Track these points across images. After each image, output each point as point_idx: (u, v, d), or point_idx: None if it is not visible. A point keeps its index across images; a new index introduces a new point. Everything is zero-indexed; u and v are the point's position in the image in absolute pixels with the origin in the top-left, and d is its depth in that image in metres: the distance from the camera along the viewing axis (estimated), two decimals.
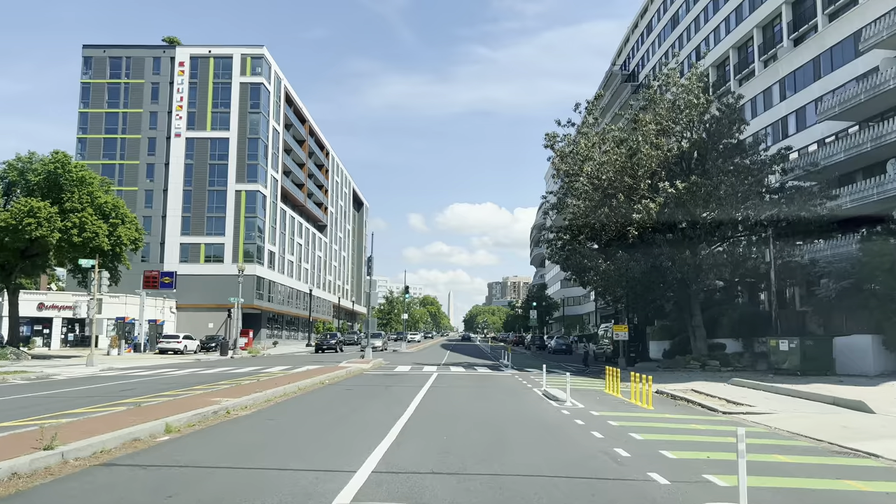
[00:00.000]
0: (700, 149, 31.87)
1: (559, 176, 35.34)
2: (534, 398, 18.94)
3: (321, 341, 57.02)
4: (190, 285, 71.29)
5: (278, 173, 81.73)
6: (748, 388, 22.33)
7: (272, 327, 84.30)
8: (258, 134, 74.88)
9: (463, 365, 37.88)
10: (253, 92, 75.27)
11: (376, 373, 29.43)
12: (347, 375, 26.75)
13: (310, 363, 37.97)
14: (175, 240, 73.72)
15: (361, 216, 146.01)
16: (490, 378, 27.32)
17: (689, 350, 38.19)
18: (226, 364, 38.33)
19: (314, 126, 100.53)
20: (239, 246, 73.56)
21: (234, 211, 73.80)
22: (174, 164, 74.22)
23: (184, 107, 74.83)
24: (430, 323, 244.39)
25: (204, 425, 12.08)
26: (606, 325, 54.02)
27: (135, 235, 48.75)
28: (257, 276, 73.61)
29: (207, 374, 28.09)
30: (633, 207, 30.90)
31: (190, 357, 49.78)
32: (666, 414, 15.82)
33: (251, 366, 35.77)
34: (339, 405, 16.18)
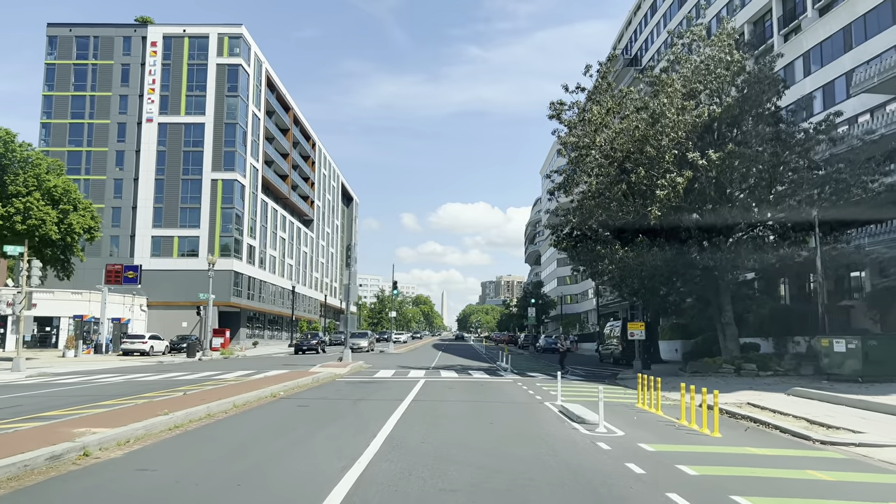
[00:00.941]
0: (733, 115, 27.09)
1: (566, 151, 30.49)
2: (551, 419, 14.06)
3: (300, 342, 52.12)
4: (162, 281, 66.21)
5: (259, 162, 76.62)
6: (819, 400, 17.54)
7: (253, 327, 79.20)
8: (236, 119, 69.75)
9: (456, 369, 33.03)
10: (231, 74, 70.16)
11: (351, 379, 24.52)
12: (313, 384, 21.83)
13: (281, 367, 33.08)
14: (146, 232, 68.51)
15: (351, 212, 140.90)
16: (488, 387, 22.45)
17: (713, 351, 33.49)
18: (184, 368, 33.36)
19: (299, 114, 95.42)
20: (215, 239, 68.43)
21: (210, 201, 68.68)
22: (145, 151, 69.04)
23: (156, 90, 69.65)
24: (423, 322, 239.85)
25: (13, 487, 7.16)
26: (613, 322, 49.25)
27: (89, 224, 43.67)
28: (234, 271, 68.51)
29: (145, 382, 23.12)
30: (656, 183, 26.11)
31: (154, 359, 44.79)
32: (747, 447, 10.98)
33: (212, 370, 30.83)
34: (273, 437, 11.25)
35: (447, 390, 20.52)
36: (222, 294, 66.06)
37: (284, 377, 22.83)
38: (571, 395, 19.08)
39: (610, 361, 44.01)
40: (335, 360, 34.71)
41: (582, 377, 29.20)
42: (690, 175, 25.72)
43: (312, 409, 14.95)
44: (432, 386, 21.96)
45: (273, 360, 43.43)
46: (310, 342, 51.06)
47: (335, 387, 21.18)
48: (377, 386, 21.68)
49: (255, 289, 75.59)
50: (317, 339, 51.95)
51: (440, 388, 21.43)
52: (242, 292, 71.32)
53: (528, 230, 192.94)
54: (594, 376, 30.28)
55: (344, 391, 19.52)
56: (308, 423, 12.70)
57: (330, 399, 17.27)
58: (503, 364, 35.76)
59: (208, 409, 13.18)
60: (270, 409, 14.98)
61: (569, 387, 22.12)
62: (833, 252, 28.43)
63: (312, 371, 27.14)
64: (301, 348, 50.17)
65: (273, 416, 13.81)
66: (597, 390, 22.26)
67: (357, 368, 31.09)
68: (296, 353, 50.27)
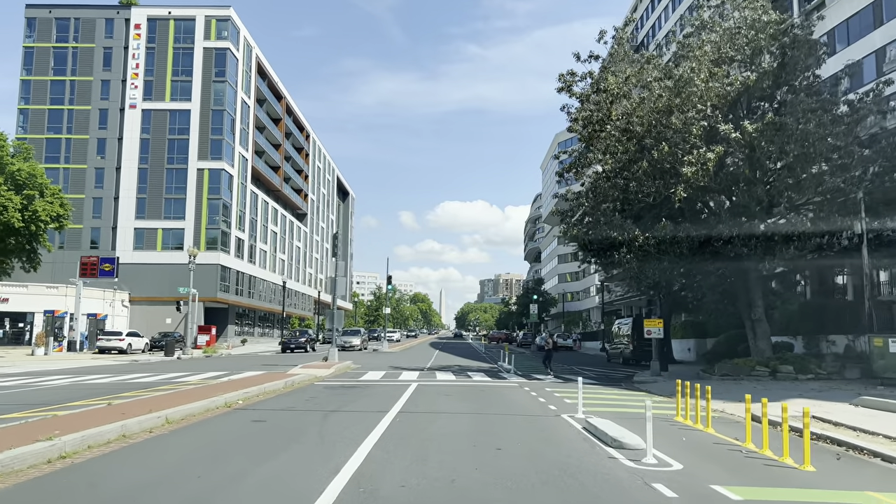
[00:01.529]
0: (768, 84, 23.85)
1: (577, 128, 27.20)
2: (576, 441, 10.77)
3: (288, 340, 48.83)
4: (145, 276, 62.94)
5: (248, 152, 73.26)
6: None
7: (242, 324, 75.90)
8: (223, 106, 66.38)
9: (453, 370, 29.79)
10: (218, 58, 66.79)
11: (332, 383, 21.25)
12: (285, 389, 18.56)
13: (261, 367, 29.88)
14: (129, 224, 65.14)
15: (347, 206, 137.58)
16: (491, 393, 19.18)
17: (738, 351, 30.32)
18: (154, 368, 30.11)
19: (292, 104, 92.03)
20: (201, 231, 65.08)
21: (196, 192, 65.31)
22: (128, 138, 65.65)
23: (140, 75, 66.26)
24: (422, 321, 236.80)
25: None
26: (622, 320, 46.03)
27: (57, 211, 40.33)
28: (221, 265, 65.18)
29: (93, 386, 19.84)
30: (682, 160, 22.88)
31: (129, 358, 41.58)
32: (866, 490, 7.72)
33: (182, 371, 27.60)
34: (186, 477, 7.96)
35: (442, 398, 17.26)
36: (208, 289, 62.74)
37: (253, 381, 19.57)
38: (590, 403, 15.84)
39: (619, 362, 40.85)
40: (321, 360, 31.45)
41: (594, 380, 25.98)
42: (722, 151, 22.49)
43: (267, 427, 11.67)
44: (425, 392, 18.70)
45: (257, 359, 40.21)
46: (298, 340, 47.81)
47: (310, 393, 17.91)
48: (360, 392, 18.40)
49: (243, 284, 72.27)
50: (306, 337, 48.68)
51: (434, 394, 18.17)
52: (230, 287, 67.99)
53: (527, 227, 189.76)
54: (607, 379, 27.06)
55: (318, 399, 16.25)
56: (251, 451, 9.39)
57: (297, 410, 13.99)
58: (505, 364, 32.52)
59: (124, 429, 9.91)
60: (213, 426, 11.70)
61: (574, 390, 18.90)
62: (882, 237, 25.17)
63: (290, 373, 23.88)
64: (288, 346, 46.92)
65: (209, 438, 10.53)
66: (618, 397, 19.07)
67: (343, 369, 27.83)
68: (283, 351, 47.03)
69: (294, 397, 16.52)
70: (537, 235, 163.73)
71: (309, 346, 47.05)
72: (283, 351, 46.93)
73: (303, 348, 46.62)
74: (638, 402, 17.73)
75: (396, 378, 23.97)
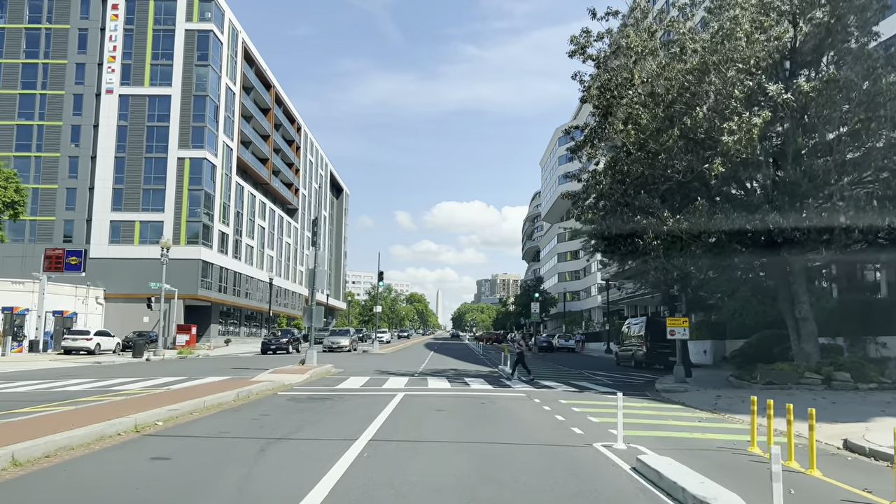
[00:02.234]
0: (823, 37, 20.16)
1: (593, 96, 23.45)
2: (635, 500, 6.98)
3: (268, 340, 44.98)
4: (122, 271, 59.07)
5: (233, 141, 69.38)
6: None
7: (227, 323, 72.02)
8: (206, 91, 62.48)
9: (448, 375, 26.04)
10: (201, 41, 62.89)
11: (299, 393, 17.45)
12: (235, 402, 14.77)
13: (230, 370, 26.20)
14: (104, 216, 61.20)
15: (341, 203, 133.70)
16: (494, 408, 15.40)
17: (774, 354, 26.63)
18: (108, 372, 26.32)
19: (282, 94, 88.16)
20: (181, 224, 61.19)
21: (177, 182, 61.41)
22: (104, 125, 61.72)
23: (117, 58, 62.33)
24: (418, 321, 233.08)
25: None
26: (633, 320, 42.33)
27: (12, 197, 36.46)
28: (203, 260, 61.28)
29: (4, 396, 16.03)
30: (721, 127, 19.18)
31: (93, 359, 37.81)
32: None
33: (140, 375, 23.86)
34: None
35: (432, 415, 13.49)
36: (188, 286, 58.90)
37: (198, 391, 15.78)
38: (636, 424, 12.08)
39: (631, 365, 37.16)
40: (298, 363, 27.66)
41: (609, 387, 22.26)
42: (769, 116, 18.77)
43: (162, 473, 7.87)
44: (412, 406, 14.94)
45: (232, 361, 36.50)
46: (279, 341, 43.97)
47: (264, 407, 14.12)
48: (330, 406, 14.61)
49: (228, 281, 68.39)
50: (288, 338, 44.75)
51: (423, 409, 14.39)
52: (213, 284, 64.09)
53: (525, 226, 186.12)
54: (624, 386, 23.32)
55: (270, 418, 12.46)
56: None
57: (228, 438, 10.20)
58: (507, 369, 28.79)
59: None
60: (84, 469, 7.90)
61: (596, 402, 15.23)
62: None
63: (254, 380, 20.10)
64: (269, 347, 43.12)
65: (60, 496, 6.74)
66: (651, 412, 15.27)
67: (320, 374, 24.06)
68: (263, 352, 43.24)
69: (238, 416, 12.72)
70: (536, 234, 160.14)
71: (291, 346, 43.19)
72: (264, 352, 43.16)
73: (284, 349, 42.84)
74: (680, 419, 13.99)
75: (380, 386, 20.20)
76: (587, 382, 24.31)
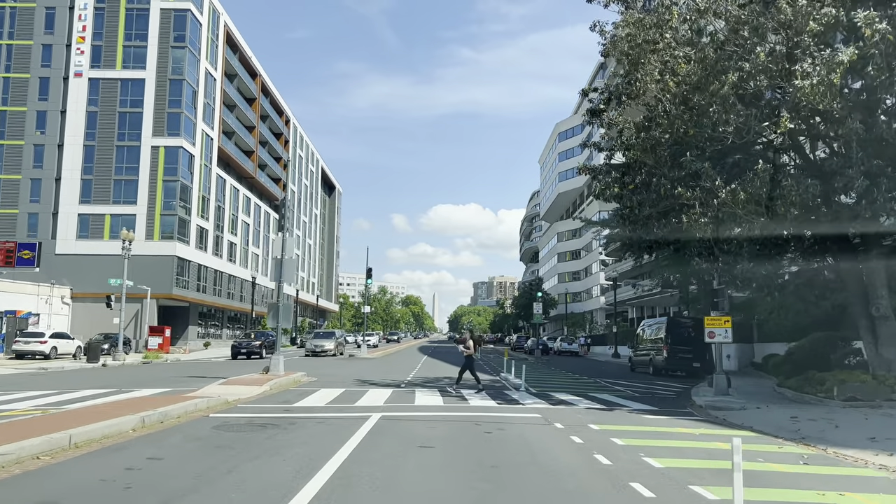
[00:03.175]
0: None
1: (616, 47, 19.07)
2: None
3: (238, 344, 40.38)
4: (90, 269, 54.33)
5: (214, 131, 64.83)
6: None
7: (206, 324, 67.42)
8: (183, 75, 57.96)
9: (442, 387, 21.62)
10: (178, 21, 58.40)
11: (237, 416, 12.97)
12: (133, 433, 10.28)
13: (185, 378, 21.81)
14: (72, 209, 56.60)
15: (333, 202, 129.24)
16: (504, 439, 10.89)
17: (831, 361, 22.28)
18: (30, 383, 21.88)
19: (269, 84, 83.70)
20: (155, 218, 56.63)
21: (150, 173, 56.85)
22: (73, 111, 57.16)
23: (87, 38, 57.81)
24: (413, 323, 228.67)
25: None
26: (650, 321, 37.95)
27: None
28: (178, 256, 56.70)
29: None
30: (790, 70, 14.87)
31: (43, 365, 33.44)
32: None
33: (59, 388, 19.36)
34: None
35: (414, 458, 9.01)
36: (162, 284, 54.38)
37: (99, 412, 11.34)
38: (690, 470, 7.59)
39: (648, 372, 32.78)
40: (262, 371, 23.16)
41: (636, 401, 17.90)
42: (855, 54, 14.42)
43: None
44: (387, 439, 10.48)
45: (198, 367, 32.14)
46: (251, 344, 39.38)
47: (167, 443, 9.65)
48: (264, 440, 10.12)
49: (207, 280, 63.80)
50: (262, 340, 40.06)
51: (402, 445, 9.91)
52: (190, 283, 59.52)
53: (523, 226, 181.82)
54: (656, 399, 18.97)
55: (155, 467, 7.97)
56: None
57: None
58: (512, 378, 24.37)
59: None
60: None
61: (642, 430, 10.79)
62: None
63: (190, 395, 15.64)
64: (239, 351, 38.60)
65: None
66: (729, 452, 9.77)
67: (283, 386, 19.59)
68: (233, 357, 38.70)
69: (109, 462, 8.20)
70: (534, 235, 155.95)
71: (265, 350, 38.49)
72: (234, 357, 38.63)
73: (257, 353, 38.25)
74: (771, 457, 9.54)
75: (353, 402, 15.75)
76: (608, 395, 19.95)
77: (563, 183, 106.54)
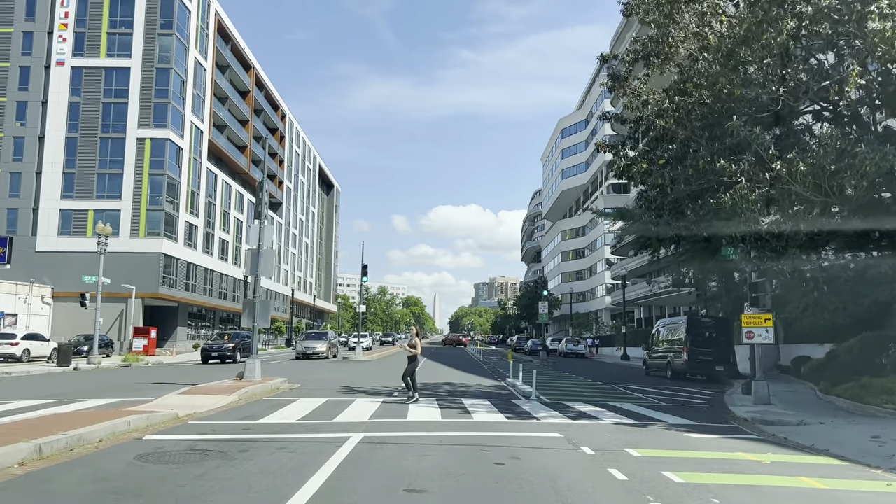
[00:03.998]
0: None
1: (640, 7, 16.35)
2: None
3: (209, 347, 37.13)
4: (73, 267, 51.54)
5: (204, 123, 62.14)
6: None
7: (197, 325, 64.70)
8: (170, 63, 55.28)
9: (441, 395, 18.93)
10: (165, 7, 55.70)
11: (180, 438, 10.22)
12: (23, 467, 7.57)
13: (150, 385, 19.14)
14: (53, 205, 53.93)
15: (331, 200, 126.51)
16: (525, 477, 8.12)
17: (885, 366, 19.54)
18: None
19: (264, 78, 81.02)
20: (141, 213, 53.94)
21: (136, 166, 54.15)
22: (55, 101, 54.50)
23: (69, 25, 55.15)
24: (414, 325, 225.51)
25: None
26: (667, 320, 35.22)
27: None
28: (165, 254, 54.00)
29: None
30: (866, 12, 12.18)
31: (11, 369, 30.76)
32: None
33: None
34: None
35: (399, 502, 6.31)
36: (147, 283, 51.75)
37: (3, 434, 8.61)
38: None
39: (666, 376, 30.07)
40: (235, 377, 20.41)
41: (670, 412, 15.20)
42: None
43: None
44: (362, 474, 7.75)
45: (173, 371, 29.47)
46: (223, 346, 36.14)
47: (59, 486, 6.94)
48: (197, 477, 7.39)
49: (197, 278, 61.09)
50: (236, 342, 36.74)
51: (381, 485, 7.19)
52: (178, 282, 56.81)
53: (525, 226, 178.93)
54: (687, 409, 16.25)
55: None
56: None
57: None
58: (519, 384, 21.63)
59: None
60: None
61: (694, 457, 8.03)
62: None
63: (142, 408, 12.97)
64: (209, 355, 35.54)
65: None
66: (829, 488, 6.92)
67: (255, 395, 16.86)
68: (203, 361, 35.66)
69: None
70: (536, 234, 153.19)
71: (241, 353, 34.83)
72: (204, 361, 35.57)
73: (230, 358, 35.07)
74: None
75: (333, 416, 13.06)
76: (632, 404, 17.26)
77: (567, 180, 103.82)
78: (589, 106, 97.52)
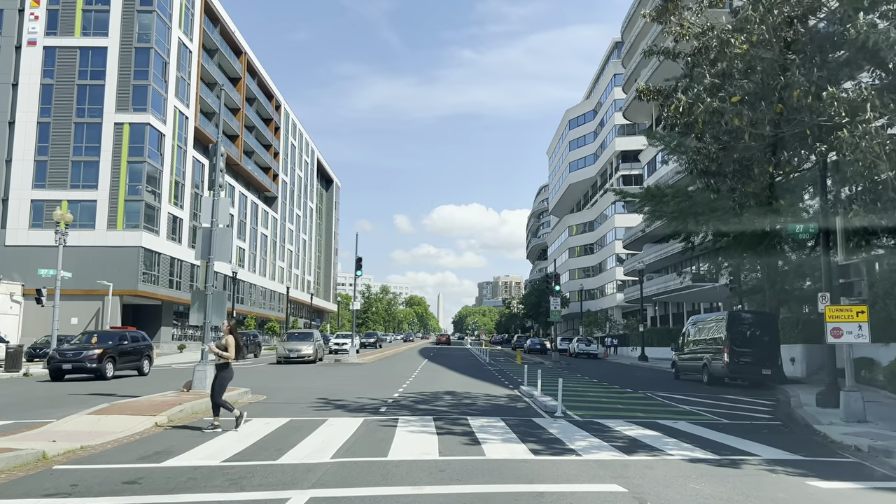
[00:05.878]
0: None
1: None
2: None
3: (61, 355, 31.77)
4: (46, 262, 47.39)
5: (189, 109, 58.13)
6: None
7: (183, 325, 60.64)
8: (150, 43, 51.27)
9: (440, 411, 14.78)
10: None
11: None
12: None
13: (67, 399, 15.14)
14: (24, 195, 49.99)
15: (331, 196, 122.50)
16: None
17: None
18: None
19: (256, 64, 77.01)
20: (119, 204, 49.96)
21: (114, 153, 50.18)
22: (25, 84, 50.55)
23: (42, 2, 51.26)
24: (417, 324, 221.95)
25: None
26: (700, 316, 30.94)
27: None
28: (144, 248, 49.98)
29: None
30: None
31: None
32: None
33: None
34: None
35: None
36: (125, 279, 47.78)
37: None
38: None
39: (702, 381, 25.90)
40: (181, 387, 16.33)
41: (739, 435, 11.12)
42: None
43: None
44: None
45: (120, 380, 25.54)
46: (80, 356, 31.01)
47: None
48: None
49: (182, 275, 57.08)
50: (105, 348, 31.30)
51: None
52: (161, 278, 52.81)
53: (530, 222, 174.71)
54: (757, 431, 12.10)
55: None
56: None
57: None
58: (537, 394, 17.44)
59: None
60: None
61: None
62: None
63: (6, 442, 8.85)
64: (60, 368, 30.52)
65: None
66: None
67: (192, 415, 12.79)
68: (54, 378, 30.91)
69: None
70: (542, 231, 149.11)
71: (116, 363, 29.23)
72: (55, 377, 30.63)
73: (96, 371, 30.10)
74: None
75: (281, 453, 8.94)
76: (688, 422, 13.24)
77: (575, 173, 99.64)
78: (597, 95, 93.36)
